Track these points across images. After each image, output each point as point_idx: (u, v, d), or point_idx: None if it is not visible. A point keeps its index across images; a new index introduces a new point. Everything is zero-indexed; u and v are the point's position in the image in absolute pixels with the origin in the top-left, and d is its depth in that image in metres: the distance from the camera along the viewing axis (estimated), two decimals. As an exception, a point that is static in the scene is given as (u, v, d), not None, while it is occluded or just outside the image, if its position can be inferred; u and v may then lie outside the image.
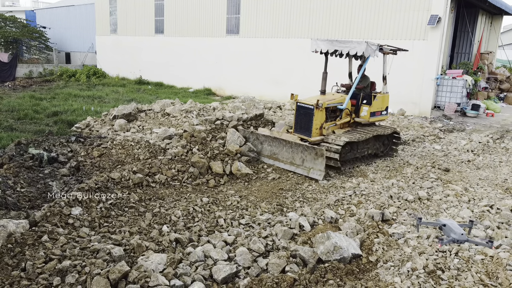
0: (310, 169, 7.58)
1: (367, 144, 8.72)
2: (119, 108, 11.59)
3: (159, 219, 5.51)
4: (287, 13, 16.90)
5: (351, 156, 8.46)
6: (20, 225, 4.80)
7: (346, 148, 8.15)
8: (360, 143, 8.47)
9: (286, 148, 8.03)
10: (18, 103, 14.00)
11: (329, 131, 8.40)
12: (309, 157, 7.63)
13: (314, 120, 8.19)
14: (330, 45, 8.58)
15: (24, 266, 4.04)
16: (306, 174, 7.60)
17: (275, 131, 8.61)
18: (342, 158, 8.08)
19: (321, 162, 7.41)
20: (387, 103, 9.31)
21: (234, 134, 8.54)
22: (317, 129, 8.30)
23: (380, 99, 9.03)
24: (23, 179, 6.84)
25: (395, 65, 14.09)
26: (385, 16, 14.37)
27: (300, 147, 7.76)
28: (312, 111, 8.22)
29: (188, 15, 20.75)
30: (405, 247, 4.92)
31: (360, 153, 8.66)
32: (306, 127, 8.39)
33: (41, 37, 28.61)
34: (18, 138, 9.16)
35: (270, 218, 5.73)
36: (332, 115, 8.69)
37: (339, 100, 8.63)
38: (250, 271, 4.35)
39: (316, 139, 8.21)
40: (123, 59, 24.54)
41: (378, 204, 6.20)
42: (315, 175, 7.46)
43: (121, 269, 3.89)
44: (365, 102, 9.01)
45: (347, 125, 8.95)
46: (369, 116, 8.88)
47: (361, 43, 8.13)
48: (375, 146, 9.00)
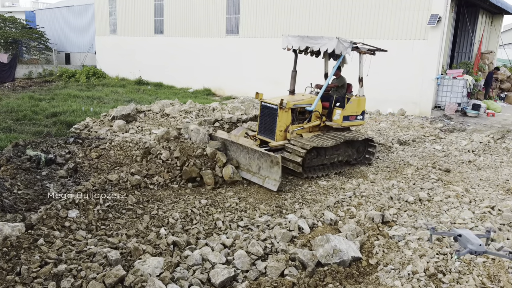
0: (265, 178, 6.90)
1: (337, 151, 8.02)
2: (118, 109, 11.54)
3: (156, 222, 5.45)
4: (286, 13, 16.84)
5: (318, 162, 7.80)
6: (16, 228, 4.75)
7: (312, 153, 7.57)
8: (328, 149, 7.78)
9: (243, 153, 7.37)
10: (17, 104, 13.96)
11: (294, 134, 7.78)
12: (265, 164, 6.95)
13: (278, 121, 7.59)
14: (301, 42, 8.10)
15: (19, 270, 3.99)
16: (261, 184, 6.92)
17: (232, 135, 7.86)
18: (308, 164, 7.56)
19: (277, 171, 6.72)
20: (364, 107, 8.66)
21: (199, 133, 7.99)
22: (281, 131, 7.70)
23: (355, 103, 8.40)
24: (20, 181, 6.79)
25: (395, 65, 14.07)
26: (385, 16, 14.31)
27: (256, 153, 7.06)
28: (275, 111, 7.62)
29: (187, 15, 20.70)
30: (406, 250, 4.86)
31: (329, 159, 7.97)
32: (270, 129, 7.79)
33: (41, 37, 28.57)
34: (16, 139, 9.11)
35: (269, 220, 5.68)
36: (300, 117, 8.11)
37: (308, 101, 8.04)
38: (249, 275, 4.29)
39: (279, 143, 7.63)
40: (122, 59, 24.50)
41: (378, 206, 6.13)
42: (270, 185, 6.77)
43: (117, 273, 3.83)
44: (338, 105, 8.39)
45: (318, 129, 8.32)
46: (341, 120, 8.25)
47: (332, 39, 7.63)
48: (347, 153, 8.29)
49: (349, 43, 7.63)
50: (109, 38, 25.59)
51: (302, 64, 9.62)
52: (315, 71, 9.95)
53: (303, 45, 8.08)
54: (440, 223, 5.58)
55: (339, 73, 8.61)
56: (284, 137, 7.75)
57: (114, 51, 25.17)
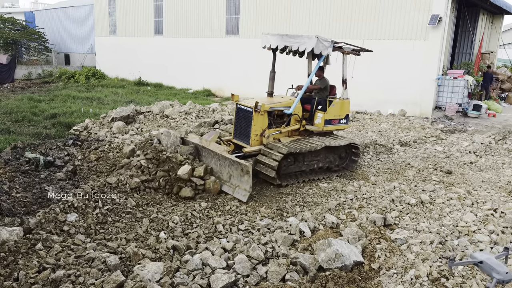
0: (236, 187, 6.47)
1: (317, 157, 7.59)
2: (118, 110, 11.49)
3: (156, 225, 5.39)
4: (286, 13, 16.80)
5: (296, 169, 7.37)
6: (14, 233, 4.69)
7: (288, 159, 7.19)
8: (307, 154, 7.38)
9: (214, 160, 6.94)
10: (16, 105, 13.90)
11: (270, 139, 7.33)
12: (235, 172, 6.50)
13: (252, 125, 7.18)
14: (280, 40, 7.75)
15: (17, 276, 3.93)
16: (231, 193, 6.49)
17: (203, 139, 7.38)
18: (284, 171, 7.15)
19: (247, 181, 6.24)
20: (348, 111, 8.24)
21: (169, 136, 7.51)
22: (256, 135, 7.27)
23: (338, 106, 7.97)
24: (19, 184, 6.73)
25: (395, 66, 14.02)
26: (385, 16, 14.26)
27: (227, 160, 6.62)
28: (251, 114, 7.21)
29: (187, 16, 20.65)
30: (408, 254, 4.81)
31: (308, 166, 7.52)
32: (245, 133, 7.40)
33: (40, 38, 28.53)
34: (15, 141, 9.05)
35: (270, 223, 5.62)
36: (278, 121, 7.71)
37: (287, 103, 7.64)
38: (249, 280, 4.24)
39: (253, 149, 7.21)
40: (122, 60, 24.45)
41: (380, 208, 6.08)
42: (240, 196, 6.33)
43: (116, 279, 3.78)
44: (320, 108, 8.00)
45: (297, 133, 7.90)
46: (323, 124, 7.84)
47: (311, 38, 7.27)
48: (328, 159, 7.83)
49: (329, 42, 7.30)
50: (109, 39, 25.54)
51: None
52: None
53: (281, 43, 7.74)
54: (443, 226, 5.53)
55: (321, 74, 8.24)
56: (260, 142, 7.32)
57: (114, 52, 25.12)
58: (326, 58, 8.18)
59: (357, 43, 14.53)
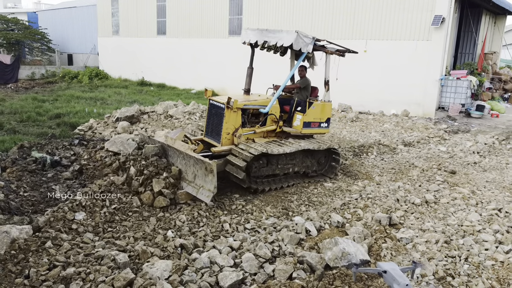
0: (200, 187, 6.05)
1: (293, 160, 7.19)
2: (122, 110, 11.55)
3: (163, 224, 5.44)
4: (289, 13, 16.84)
5: (268, 172, 6.94)
6: (23, 231, 4.74)
7: (260, 161, 6.79)
8: (281, 157, 6.97)
9: (179, 159, 6.48)
10: (20, 105, 13.98)
11: (242, 139, 6.93)
12: (200, 172, 6.07)
13: (224, 122, 6.81)
14: (259, 36, 7.43)
15: (27, 273, 3.98)
16: (194, 194, 6.05)
17: (169, 138, 6.87)
18: (255, 174, 6.76)
19: (211, 180, 5.82)
20: (329, 114, 7.82)
21: (118, 140, 7.11)
22: (228, 134, 6.89)
23: (318, 108, 7.57)
24: (26, 183, 6.79)
25: (398, 66, 14.05)
26: (388, 17, 14.29)
27: (191, 159, 6.18)
28: (222, 111, 6.84)
29: (190, 16, 20.71)
30: (414, 253, 4.85)
31: (282, 170, 7.09)
32: (216, 131, 7.02)
33: (43, 38, 28.63)
34: (21, 141, 9.11)
35: (275, 222, 5.66)
36: (254, 120, 7.37)
37: (263, 102, 7.27)
38: (257, 278, 4.28)
39: (223, 149, 6.81)
40: (125, 60, 24.52)
41: (385, 208, 6.12)
42: (203, 197, 5.90)
43: (126, 276, 3.82)
44: (299, 109, 7.63)
45: (274, 134, 7.54)
46: (301, 126, 7.47)
47: (291, 33, 6.91)
48: (305, 164, 7.45)
49: (310, 39, 6.92)
50: (112, 39, 25.62)
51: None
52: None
53: (261, 39, 7.40)
54: (448, 225, 5.56)
55: (304, 74, 7.88)
56: (232, 141, 6.94)
57: (117, 52, 25.19)
58: (312, 59, 7.90)
59: (360, 44, 14.66)
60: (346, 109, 14.67)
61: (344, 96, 15.04)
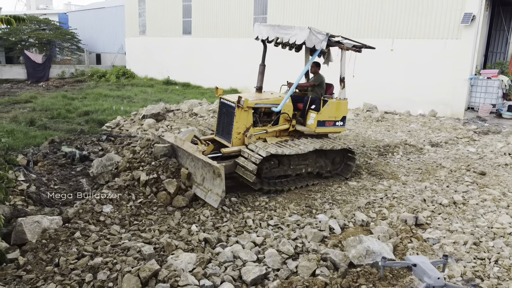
0: (208, 191, 5.91)
1: (305, 161, 6.97)
2: (148, 108, 11.76)
3: (187, 218, 5.51)
4: (314, 12, 16.74)
5: (280, 172, 6.76)
6: (54, 221, 4.91)
7: (271, 162, 6.59)
8: (293, 158, 6.75)
9: (189, 160, 6.35)
10: (51, 103, 14.44)
11: (252, 139, 6.72)
12: (208, 175, 5.92)
13: (235, 122, 6.64)
14: (271, 31, 7.25)
15: (57, 261, 4.12)
16: (203, 198, 5.93)
17: (178, 138, 6.76)
18: (266, 174, 6.58)
19: (219, 184, 5.67)
20: (345, 112, 7.55)
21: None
22: (239, 134, 6.72)
23: (333, 106, 7.32)
24: (56, 176, 7.02)
25: (426, 65, 13.75)
26: (416, 15, 14.01)
27: (200, 162, 6.05)
28: (233, 110, 6.68)
29: (215, 16, 20.87)
30: (441, 253, 4.74)
31: (294, 170, 6.89)
32: (227, 131, 6.86)
33: (73, 38, 29.44)
34: (52, 136, 9.42)
35: (299, 219, 5.64)
36: (266, 119, 7.17)
37: (275, 100, 7.07)
38: (280, 273, 4.28)
39: (233, 149, 6.60)
40: (151, 59, 24.93)
41: (411, 208, 6.00)
42: (211, 201, 5.79)
43: (151, 267, 3.89)
44: (313, 108, 7.39)
45: (287, 134, 7.31)
46: (316, 125, 7.26)
47: (303, 30, 6.69)
48: (318, 164, 7.18)
49: (324, 35, 6.67)
50: (139, 39, 26.10)
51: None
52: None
53: (272, 35, 7.23)
54: (477, 227, 5.41)
55: (317, 71, 7.68)
56: (243, 141, 6.75)
57: (143, 52, 25.65)
58: (328, 55, 7.68)
59: (386, 43, 14.44)
60: (371, 108, 14.47)
61: (370, 95, 14.84)
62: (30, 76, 24.38)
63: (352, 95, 14.95)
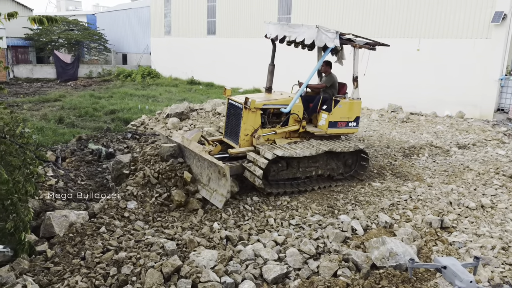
0: (214, 191, 5.83)
1: (316, 163, 6.78)
2: (172, 107, 11.92)
3: (210, 216, 5.56)
4: (338, 12, 16.58)
5: (288, 175, 6.60)
6: (80, 216, 5.04)
7: (279, 164, 6.45)
8: (303, 160, 6.58)
9: (195, 161, 6.28)
10: (79, 101, 14.84)
11: (260, 140, 6.59)
12: (214, 175, 5.85)
13: (242, 123, 6.54)
14: (280, 30, 7.10)
15: (84, 255, 4.23)
16: (208, 198, 5.85)
17: (185, 138, 6.68)
18: (274, 177, 6.44)
19: (224, 185, 5.60)
20: (358, 112, 7.34)
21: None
22: (247, 135, 6.60)
23: (346, 106, 7.12)
24: (83, 173, 7.21)
25: (454, 65, 13.41)
26: (443, 14, 13.68)
27: (205, 162, 5.97)
28: (240, 111, 6.57)
29: (239, 16, 20.97)
30: (467, 258, 4.62)
31: (304, 173, 6.73)
32: (235, 132, 6.77)
33: (101, 39, 30.15)
34: (79, 134, 9.68)
35: (321, 220, 5.60)
36: (275, 120, 7.03)
37: (284, 101, 6.90)
38: (301, 273, 4.27)
39: (241, 150, 6.52)
40: (176, 59, 25.26)
41: (436, 210, 5.87)
42: (216, 201, 5.71)
43: (174, 263, 3.95)
44: (324, 108, 7.20)
45: (297, 135, 7.13)
46: (327, 126, 7.06)
47: (311, 28, 6.54)
48: (329, 166, 6.99)
49: (333, 33, 6.49)
50: (164, 39, 26.49)
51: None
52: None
53: (281, 33, 7.10)
54: (506, 231, 5.24)
55: (328, 70, 7.51)
56: (250, 143, 6.63)
57: (168, 52, 26.01)
58: (341, 53, 7.45)
59: (412, 42, 14.16)
60: (396, 109, 14.22)
61: (395, 96, 14.59)
62: (59, 76, 25.14)
63: (376, 96, 14.81)
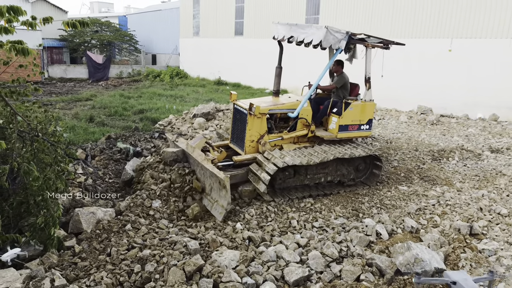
0: (215, 202, 5.63)
1: (325, 169, 6.50)
2: (199, 107, 12.06)
3: (233, 216, 5.59)
4: (367, 12, 16.33)
5: (296, 182, 6.40)
6: (107, 213, 5.18)
7: (286, 172, 6.23)
8: (311, 167, 6.31)
9: (198, 168, 6.07)
10: (109, 101, 15.23)
11: (267, 146, 6.38)
12: (215, 185, 5.64)
13: (247, 129, 6.33)
14: (288, 30, 6.85)
15: (109, 251, 4.33)
16: (209, 209, 5.65)
17: (189, 145, 6.46)
18: (280, 186, 6.27)
19: (224, 196, 5.38)
20: (371, 115, 7.01)
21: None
22: (252, 141, 6.41)
23: (357, 109, 6.81)
24: (111, 171, 7.39)
25: (487, 66, 12.94)
26: (476, 13, 13.23)
27: (207, 171, 5.73)
28: (246, 117, 6.36)
29: (267, 17, 20.99)
30: (497, 266, 4.45)
31: (312, 180, 6.48)
32: (240, 138, 6.57)
33: (131, 40, 30.87)
34: (108, 132, 9.93)
35: (344, 223, 5.53)
36: (283, 124, 6.79)
37: (291, 105, 6.62)
38: (323, 276, 4.22)
39: (246, 157, 6.31)
40: (203, 60, 25.55)
41: (466, 216, 5.69)
42: (216, 212, 5.51)
43: (196, 262, 3.99)
44: (335, 111, 6.91)
45: (306, 139, 6.83)
46: (337, 130, 6.76)
47: (320, 29, 6.29)
48: (339, 172, 6.70)
49: (343, 34, 6.26)
50: (192, 40, 26.84)
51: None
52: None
53: (288, 34, 6.84)
54: (540, 240, 5.02)
55: (340, 70, 7.21)
56: (257, 149, 6.43)
57: (196, 52, 26.35)
58: (353, 52, 7.16)
59: (444, 42, 13.78)
60: (426, 111, 13.87)
61: (424, 98, 14.24)
62: (91, 76, 25.90)
63: (405, 97, 14.49)
